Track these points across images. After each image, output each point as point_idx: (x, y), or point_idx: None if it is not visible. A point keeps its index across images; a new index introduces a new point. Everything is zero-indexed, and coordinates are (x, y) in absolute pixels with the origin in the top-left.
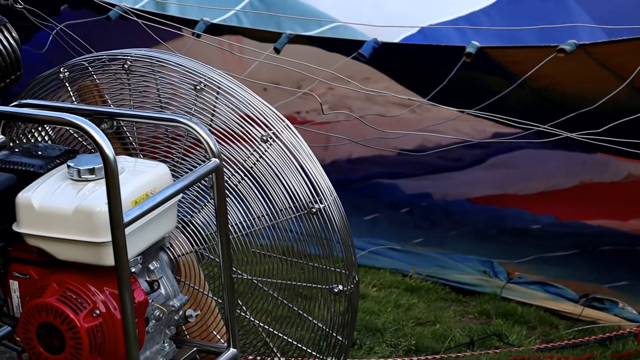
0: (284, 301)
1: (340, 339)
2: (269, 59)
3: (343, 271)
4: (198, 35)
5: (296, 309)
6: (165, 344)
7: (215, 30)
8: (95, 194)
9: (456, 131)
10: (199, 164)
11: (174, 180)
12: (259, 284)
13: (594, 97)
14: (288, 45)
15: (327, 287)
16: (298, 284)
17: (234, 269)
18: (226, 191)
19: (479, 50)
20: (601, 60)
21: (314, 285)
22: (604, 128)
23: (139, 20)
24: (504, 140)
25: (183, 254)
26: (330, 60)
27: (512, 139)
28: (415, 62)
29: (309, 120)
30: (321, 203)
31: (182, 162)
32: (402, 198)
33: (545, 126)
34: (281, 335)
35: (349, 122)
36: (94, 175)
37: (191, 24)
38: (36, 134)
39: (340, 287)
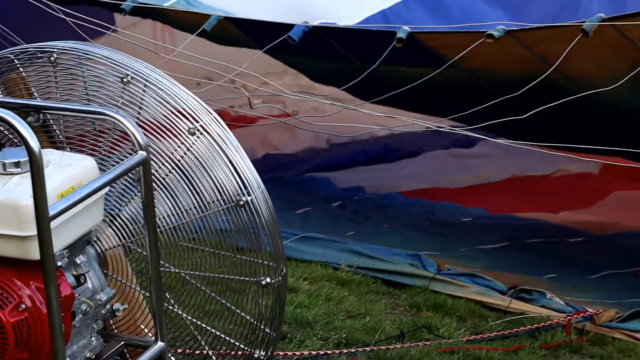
0: (212, 294)
1: (269, 331)
2: (201, 54)
3: (271, 263)
4: (125, 12)
5: (224, 301)
6: (93, 338)
7: (142, 13)
8: (20, 188)
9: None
10: (127, 157)
11: (101, 174)
12: (187, 277)
13: (524, 82)
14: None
15: (255, 279)
16: (226, 277)
17: (162, 262)
18: (154, 184)
19: (409, 35)
20: (529, 46)
21: (242, 278)
22: (526, 115)
23: (67, 18)
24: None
25: (110, 248)
26: (261, 54)
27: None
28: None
29: (242, 115)
30: (249, 195)
31: (110, 155)
32: (335, 192)
33: (447, 127)
34: (210, 328)
35: (282, 117)
36: (19, 169)
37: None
38: None
39: (268, 279)
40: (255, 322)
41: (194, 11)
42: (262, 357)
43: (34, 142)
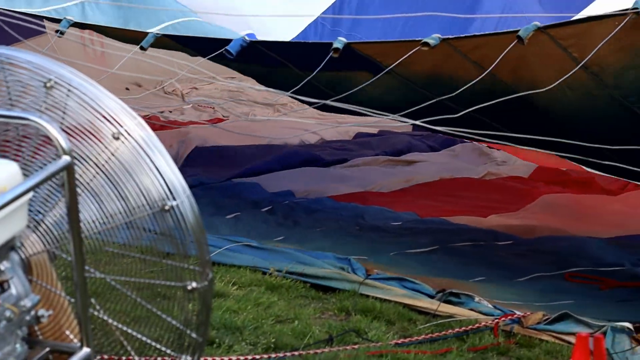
0: (138, 299)
1: (195, 336)
2: (130, 59)
3: (197, 268)
4: (61, 33)
5: (150, 306)
6: (17, 345)
7: (80, 26)
8: None
9: (316, 134)
10: (51, 162)
11: (25, 179)
12: (112, 282)
13: (460, 87)
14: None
15: (181, 284)
16: (152, 282)
17: (87, 267)
18: (78, 189)
19: (346, 45)
20: (465, 52)
21: (168, 283)
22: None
23: None
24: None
25: (34, 254)
26: (195, 60)
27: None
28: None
29: (172, 120)
30: (174, 200)
31: (33, 160)
32: (265, 197)
33: (391, 115)
34: (136, 334)
35: (212, 122)
36: None
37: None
38: None
39: (194, 284)
40: (181, 328)
41: (132, 29)
42: None
43: None
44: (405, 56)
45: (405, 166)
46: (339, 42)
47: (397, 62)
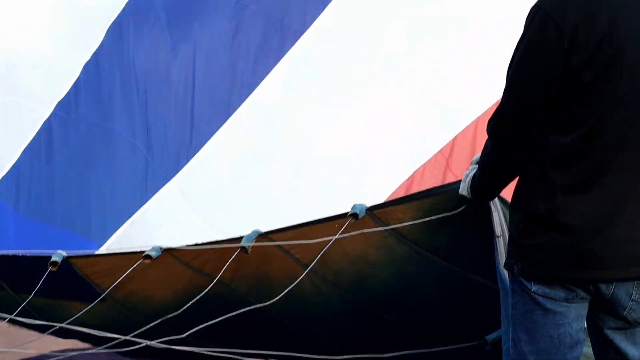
0: None
1: None
2: None
3: None
4: None
5: None
6: None
7: None
8: None
9: None
10: None
11: None
12: None
13: (184, 300)
14: None
15: None
16: None
17: None
18: None
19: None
20: (187, 261)
21: None
22: None
23: None
24: None
25: None
26: None
27: None
28: None
29: None
30: None
31: None
32: None
33: None
34: None
35: None
36: None
37: None
38: None
39: None
40: None
41: None
42: None
43: None
44: (124, 275)
45: None
46: (58, 256)
47: (117, 281)
